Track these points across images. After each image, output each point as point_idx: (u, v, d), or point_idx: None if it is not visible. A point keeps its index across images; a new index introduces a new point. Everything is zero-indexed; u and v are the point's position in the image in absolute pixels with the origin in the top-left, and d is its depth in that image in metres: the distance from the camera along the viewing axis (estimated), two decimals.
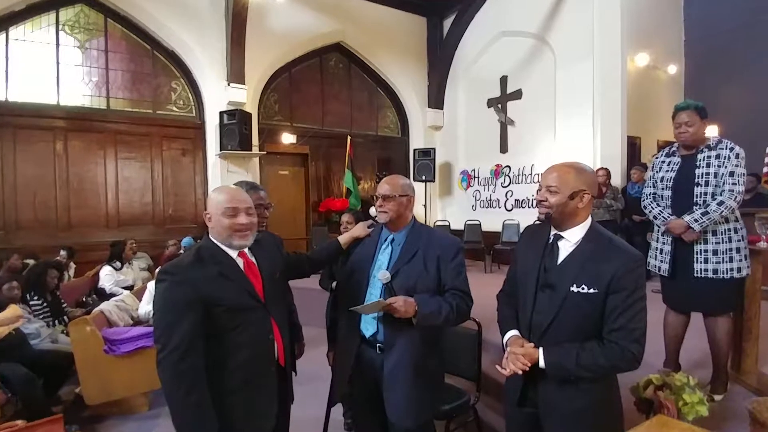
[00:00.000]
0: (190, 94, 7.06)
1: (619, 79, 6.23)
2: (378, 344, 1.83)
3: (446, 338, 2.01)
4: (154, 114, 6.80)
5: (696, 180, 2.47)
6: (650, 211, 2.70)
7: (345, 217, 3.11)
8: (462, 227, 7.83)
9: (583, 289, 1.45)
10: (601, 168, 5.90)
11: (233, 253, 1.58)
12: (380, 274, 1.69)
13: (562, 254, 1.54)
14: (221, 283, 1.51)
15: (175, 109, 6.97)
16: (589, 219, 1.55)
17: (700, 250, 2.48)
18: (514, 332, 1.63)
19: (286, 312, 1.86)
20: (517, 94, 7.66)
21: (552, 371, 1.47)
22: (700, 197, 2.45)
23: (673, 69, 7.99)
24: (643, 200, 2.77)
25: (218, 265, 1.53)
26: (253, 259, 1.66)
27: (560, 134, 6.88)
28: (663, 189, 2.64)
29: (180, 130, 6.96)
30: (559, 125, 6.88)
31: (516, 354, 1.50)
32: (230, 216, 1.54)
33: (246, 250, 1.62)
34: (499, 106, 7.99)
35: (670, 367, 2.65)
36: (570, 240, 1.53)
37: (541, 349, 1.49)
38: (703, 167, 2.46)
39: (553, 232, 1.58)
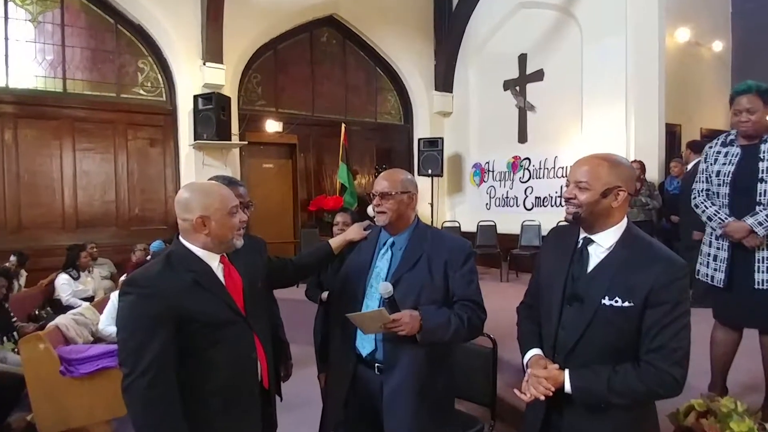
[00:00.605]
0: (159, 75, 7.05)
1: (657, 57, 6.22)
2: (377, 364, 1.83)
3: (456, 357, 2.00)
4: (117, 98, 6.79)
5: (760, 175, 2.44)
6: (703, 211, 2.67)
7: (339, 217, 3.12)
8: (474, 229, 7.84)
9: (616, 302, 1.44)
10: (635, 161, 5.90)
11: (213, 260, 1.59)
12: (381, 286, 1.68)
13: (593, 261, 1.53)
14: (196, 293, 1.51)
15: (142, 92, 6.97)
16: (625, 220, 1.54)
17: (763, 257, 2.46)
18: (536, 351, 1.63)
19: (269, 326, 1.86)
20: (538, 75, 7.67)
21: (579, 397, 1.47)
22: (765, 195, 2.42)
23: (718, 46, 7.99)
24: (694, 197, 2.74)
25: (192, 272, 1.53)
26: (232, 265, 1.67)
27: (588, 121, 6.88)
28: (719, 185, 2.60)
29: (148, 116, 6.95)
30: (587, 111, 6.88)
31: (538, 377, 1.49)
32: (235, 214, 1.58)
33: (226, 254, 1.64)
34: (518, 88, 7.99)
35: (716, 391, 2.64)
36: (602, 245, 1.52)
37: (566, 372, 1.49)
38: (767, 160, 2.43)
39: (583, 235, 1.57)
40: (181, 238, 1.59)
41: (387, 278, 1.83)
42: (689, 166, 5.47)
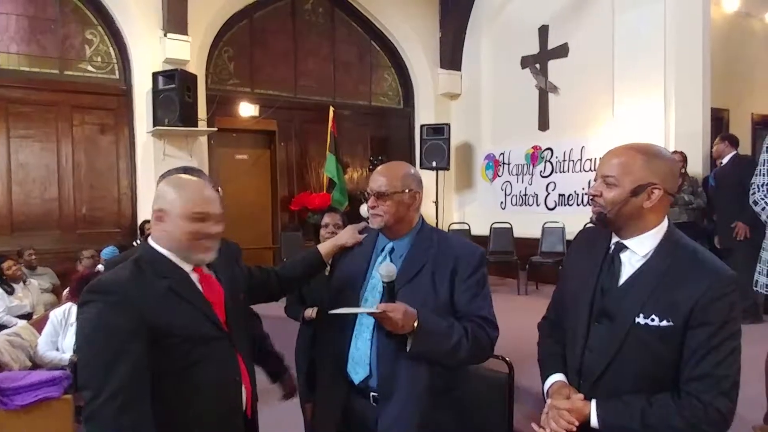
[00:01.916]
0: (111, 49, 7.03)
1: (701, 30, 6.24)
2: (371, 392, 1.82)
3: (464, 383, 2.00)
4: (60, 75, 6.77)
5: None
6: (763, 208, 2.69)
7: (327, 218, 3.12)
8: (487, 232, 7.85)
9: (653, 320, 1.44)
10: (676, 151, 5.93)
11: (186, 266, 1.60)
12: (383, 267, 1.68)
13: (626, 272, 1.53)
14: (173, 303, 1.51)
15: (90, 68, 6.95)
16: (665, 223, 1.53)
17: None
18: (558, 377, 1.63)
19: (252, 346, 1.87)
20: (562, 51, 7.69)
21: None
22: None
23: None
24: (753, 193, 2.76)
25: (166, 278, 1.54)
26: (212, 273, 1.67)
27: (620, 105, 6.91)
28: None
29: (97, 97, 6.92)
30: (619, 93, 6.91)
31: (559, 409, 1.50)
32: (198, 220, 1.55)
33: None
34: (538, 66, 8.01)
35: None
36: (637, 252, 1.52)
37: (593, 403, 1.49)
38: None
39: (615, 240, 1.57)
40: (150, 239, 1.61)
41: (384, 291, 1.83)
42: (724, 160, 5.52)
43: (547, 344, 1.73)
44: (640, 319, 1.45)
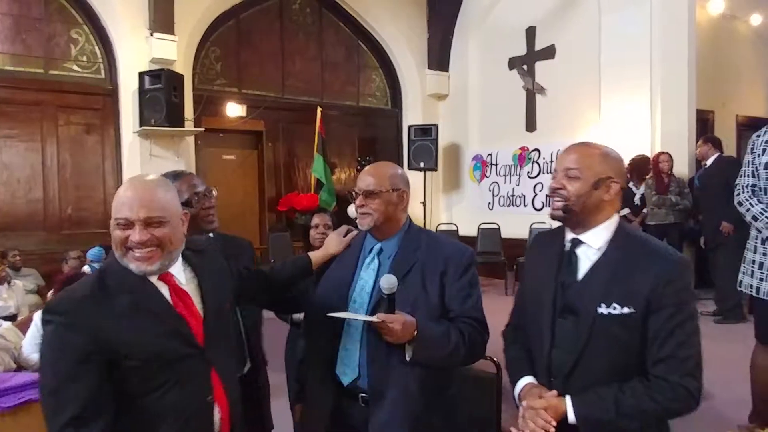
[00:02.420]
0: (97, 48, 6.98)
1: (686, 32, 6.32)
2: (361, 394, 1.81)
3: (455, 384, 2.01)
4: (45, 75, 6.71)
5: None
6: (748, 209, 2.73)
7: (317, 219, 3.11)
8: (474, 233, 7.88)
9: (615, 309, 1.48)
10: (663, 153, 5.99)
11: (152, 277, 1.49)
12: (384, 279, 1.66)
13: (584, 265, 1.58)
14: (134, 320, 1.42)
15: (76, 68, 6.89)
16: (616, 217, 1.61)
17: None
18: (528, 379, 1.65)
19: (235, 359, 1.81)
20: (549, 52, 7.74)
21: (586, 426, 1.48)
22: None
23: (757, 20, 8.14)
24: (738, 194, 2.80)
25: (129, 294, 1.44)
26: (192, 281, 1.58)
27: (607, 106, 6.96)
28: (767, 179, 2.67)
29: (83, 97, 6.87)
30: (606, 94, 6.97)
31: (535, 409, 1.51)
32: (123, 229, 1.43)
33: (176, 270, 1.54)
34: (525, 67, 8.05)
35: (758, 422, 2.68)
36: (592, 245, 1.58)
37: (568, 398, 1.51)
38: None
39: (570, 236, 1.62)
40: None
41: (372, 292, 1.83)
42: (708, 162, 5.60)
43: (513, 350, 1.76)
44: (603, 309, 1.49)
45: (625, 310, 1.47)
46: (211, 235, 2.17)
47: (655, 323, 1.45)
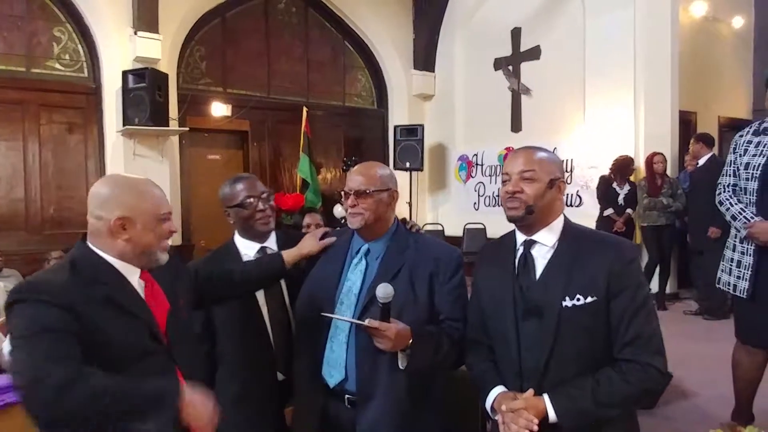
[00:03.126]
0: (79, 46, 6.89)
1: (669, 33, 6.39)
2: (347, 396, 1.81)
3: (442, 384, 2.00)
4: (27, 73, 6.61)
5: None
6: (728, 209, 2.77)
7: (309, 218, 3.12)
8: (460, 233, 7.91)
9: (578, 300, 1.51)
10: (657, 153, 6.00)
11: (132, 274, 1.51)
12: (380, 289, 1.64)
13: (540, 264, 1.61)
14: (109, 312, 1.40)
15: (58, 66, 6.80)
16: (562, 214, 1.66)
17: None
18: (499, 389, 1.64)
19: (199, 356, 1.82)
20: (535, 53, 7.78)
21: (567, 421, 1.49)
22: None
23: (739, 22, 8.23)
24: (719, 193, 2.83)
25: (104, 285, 1.43)
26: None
27: (591, 107, 7.02)
28: (747, 179, 2.69)
29: (66, 96, 6.79)
30: (591, 95, 7.02)
31: (515, 410, 1.50)
32: (166, 221, 1.54)
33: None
34: (510, 68, 8.08)
35: (740, 420, 2.72)
36: (546, 243, 1.62)
37: (545, 396, 1.51)
38: None
39: (522, 239, 1.65)
40: (88, 241, 1.51)
41: (360, 294, 1.83)
42: (701, 161, 5.64)
43: (476, 364, 1.76)
44: (567, 302, 1.52)
45: (589, 299, 1.51)
46: (273, 235, 2.24)
47: (619, 305, 1.50)
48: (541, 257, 1.61)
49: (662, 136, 6.43)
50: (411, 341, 1.69)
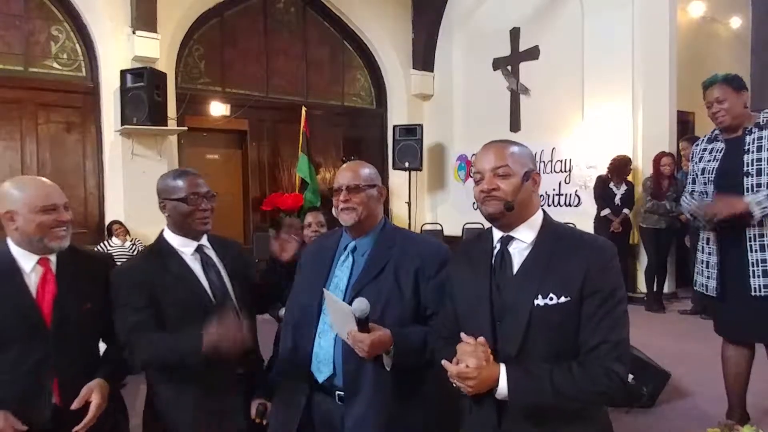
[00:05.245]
0: (77, 45, 6.90)
1: (667, 34, 6.39)
2: (337, 391, 1.82)
3: (431, 380, 1.99)
4: (25, 72, 6.62)
5: (746, 168, 2.60)
6: (686, 208, 2.88)
7: (310, 217, 3.11)
8: (459, 232, 7.90)
9: (551, 299, 1.48)
10: (666, 154, 5.95)
11: (29, 260, 1.79)
12: (355, 303, 1.64)
13: (517, 261, 1.57)
14: None
15: (56, 65, 6.80)
16: (540, 209, 1.61)
17: (757, 260, 2.58)
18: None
19: (87, 354, 1.90)
20: (533, 53, 7.78)
21: (518, 396, 1.45)
22: (752, 190, 2.56)
23: (736, 22, 8.25)
24: (681, 201, 2.96)
25: None
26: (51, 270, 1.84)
27: (590, 107, 7.02)
28: (704, 183, 2.78)
29: (63, 95, 6.79)
30: (589, 94, 7.02)
31: (469, 343, 1.47)
32: (50, 212, 1.78)
33: (54, 259, 1.85)
34: (509, 68, 8.08)
35: (735, 418, 2.72)
36: (524, 240, 1.57)
37: (502, 367, 1.47)
38: (753, 152, 2.59)
39: (499, 236, 1.61)
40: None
41: (347, 289, 1.83)
42: None
43: (444, 347, 1.68)
44: (539, 301, 1.48)
45: (562, 299, 1.47)
46: (205, 236, 2.18)
47: (590, 306, 1.46)
48: (518, 254, 1.57)
49: (660, 136, 6.43)
50: (392, 346, 1.69)
